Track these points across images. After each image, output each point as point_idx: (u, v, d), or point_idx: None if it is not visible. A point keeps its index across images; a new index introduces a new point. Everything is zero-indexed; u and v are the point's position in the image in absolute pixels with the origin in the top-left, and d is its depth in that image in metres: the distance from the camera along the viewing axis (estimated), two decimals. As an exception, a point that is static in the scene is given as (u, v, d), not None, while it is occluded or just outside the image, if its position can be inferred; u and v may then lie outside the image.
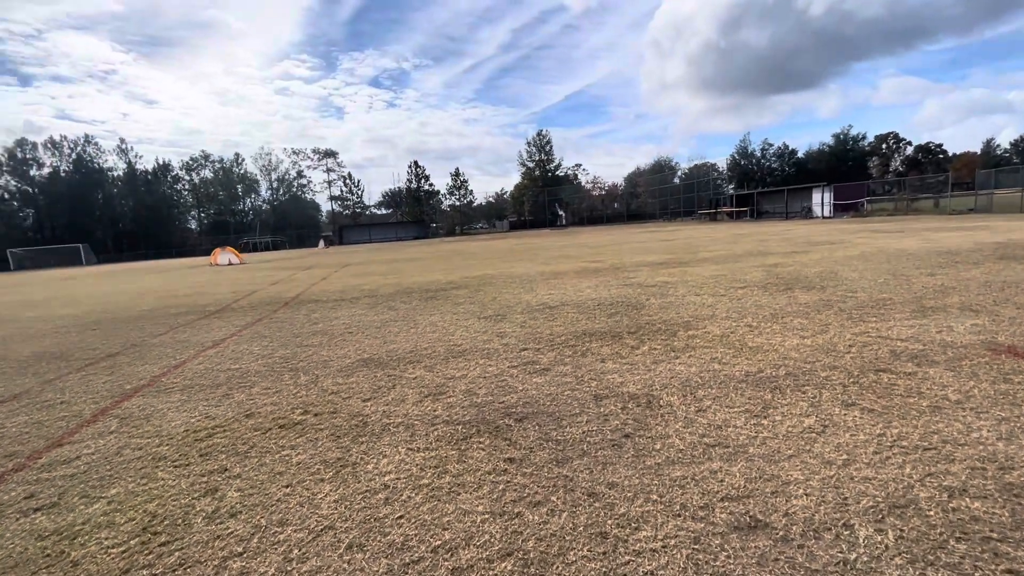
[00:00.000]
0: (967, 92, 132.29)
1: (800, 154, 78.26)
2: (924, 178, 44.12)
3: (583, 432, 2.64)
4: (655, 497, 2.00)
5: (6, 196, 59.20)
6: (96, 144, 62.76)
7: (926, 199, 32.76)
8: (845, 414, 2.64)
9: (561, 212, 73.87)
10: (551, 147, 74.39)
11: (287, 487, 2.29)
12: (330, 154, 73.20)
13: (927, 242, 11.24)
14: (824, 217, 33.66)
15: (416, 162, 74.26)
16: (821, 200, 35.14)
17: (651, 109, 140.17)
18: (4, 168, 58.40)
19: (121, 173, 63.63)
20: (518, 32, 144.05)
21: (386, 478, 2.31)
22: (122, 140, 66.40)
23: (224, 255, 23.41)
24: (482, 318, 5.87)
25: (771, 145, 78.63)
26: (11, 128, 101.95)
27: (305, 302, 8.33)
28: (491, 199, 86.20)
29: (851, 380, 3.11)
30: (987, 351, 3.49)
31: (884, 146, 78.95)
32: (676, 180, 70.37)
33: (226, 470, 2.50)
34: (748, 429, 2.54)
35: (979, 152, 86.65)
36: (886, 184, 49.47)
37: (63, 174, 60.11)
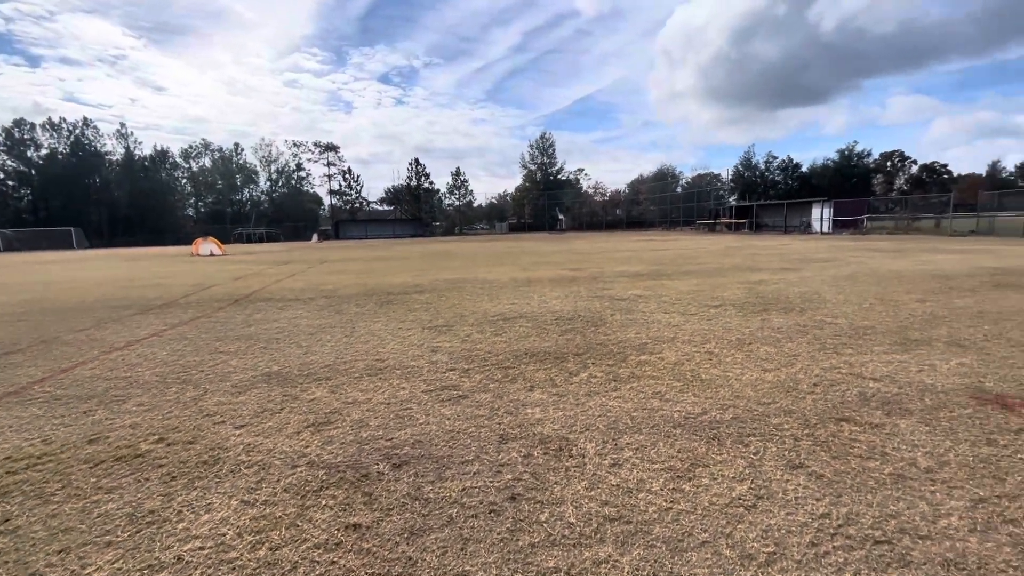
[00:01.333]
0: (975, 114, 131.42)
1: (804, 168, 77.71)
2: (927, 197, 43.57)
3: (463, 489, 2.14)
4: (506, 603, 1.50)
5: (1, 176, 58.79)
6: (95, 127, 62.14)
7: (928, 219, 32.23)
8: (787, 480, 2.13)
9: (561, 216, 73.43)
10: (554, 150, 73.99)
11: (59, 554, 1.79)
12: (331, 148, 72.63)
13: (923, 264, 10.73)
14: (823, 233, 33.16)
15: (417, 160, 73.73)
16: (821, 215, 34.64)
17: (659, 117, 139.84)
18: (0, 148, 57.99)
19: (119, 158, 63.17)
20: (530, 35, 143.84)
21: (188, 546, 1.80)
22: (122, 124, 65.81)
23: (206, 245, 22.87)
24: (427, 328, 5.37)
25: (775, 158, 78.03)
26: (16, 108, 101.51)
27: (256, 300, 7.84)
28: (494, 200, 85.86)
29: (806, 431, 2.61)
30: (971, 399, 2.99)
31: (889, 164, 78.46)
32: (678, 189, 69.90)
33: (7, 520, 2.00)
34: (663, 497, 2.04)
35: (984, 174, 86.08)
36: (888, 202, 48.94)
37: (60, 156, 59.63)
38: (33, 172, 59.30)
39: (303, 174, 73.70)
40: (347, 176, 74.65)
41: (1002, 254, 12.91)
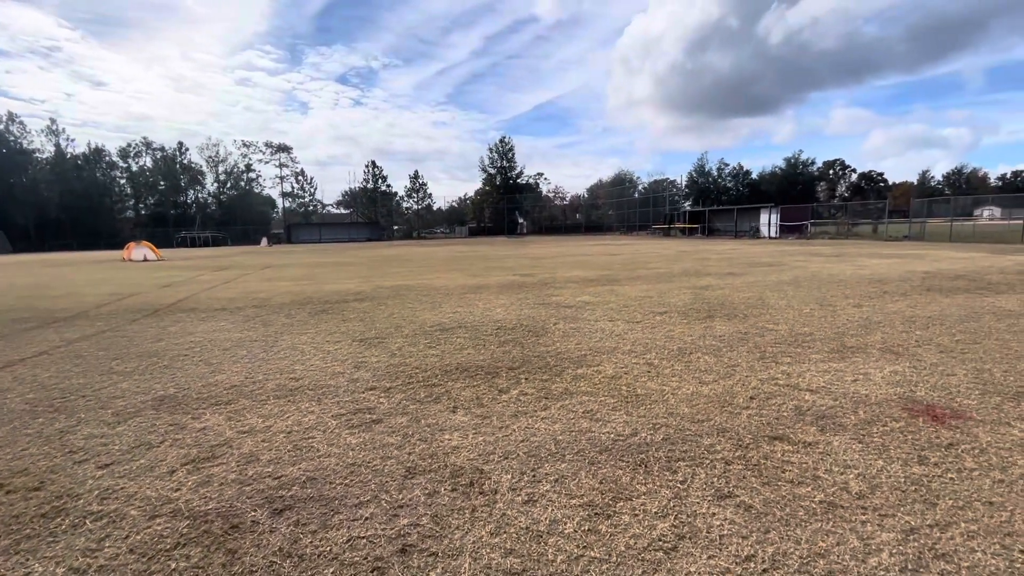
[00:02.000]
0: (908, 126, 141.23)
1: (754, 175, 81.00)
2: (865, 204, 46.14)
3: (348, 540, 1.83)
4: None
5: (-89, 174, 53.61)
6: (21, 123, 57.52)
7: (866, 224, 34.03)
8: (714, 515, 1.93)
9: (521, 220, 73.55)
10: (513, 154, 73.97)
11: None
12: (283, 148, 70.14)
13: (860, 268, 11.12)
14: (771, 237, 34.45)
15: (374, 162, 72.36)
16: (768, 220, 35.98)
17: (618, 124, 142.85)
18: (-89, 143, 52.87)
19: (49, 156, 58.76)
20: (490, 39, 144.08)
21: (-27, 640, 1.42)
22: (52, 120, 60.69)
23: (139, 250, 21.37)
24: (357, 341, 5.00)
25: (727, 165, 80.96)
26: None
27: (178, 311, 7.22)
28: (454, 204, 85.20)
29: (738, 453, 2.44)
30: (903, 411, 2.91)
31: (831, 172, 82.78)
32: (636, 194, 71.37)
33: None
34: (576, 541, 1.80)
35: (915, 182, 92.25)
36: (831, 208, 51.53)
37: (-18, 154, 54.97)
38: (-52, 170, 54.37)
39: (253, 175, 70.81)
40: (300, 178, 72.34)
41: (931, 258, 13.60)
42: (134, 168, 64.25)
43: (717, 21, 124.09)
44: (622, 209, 63.56)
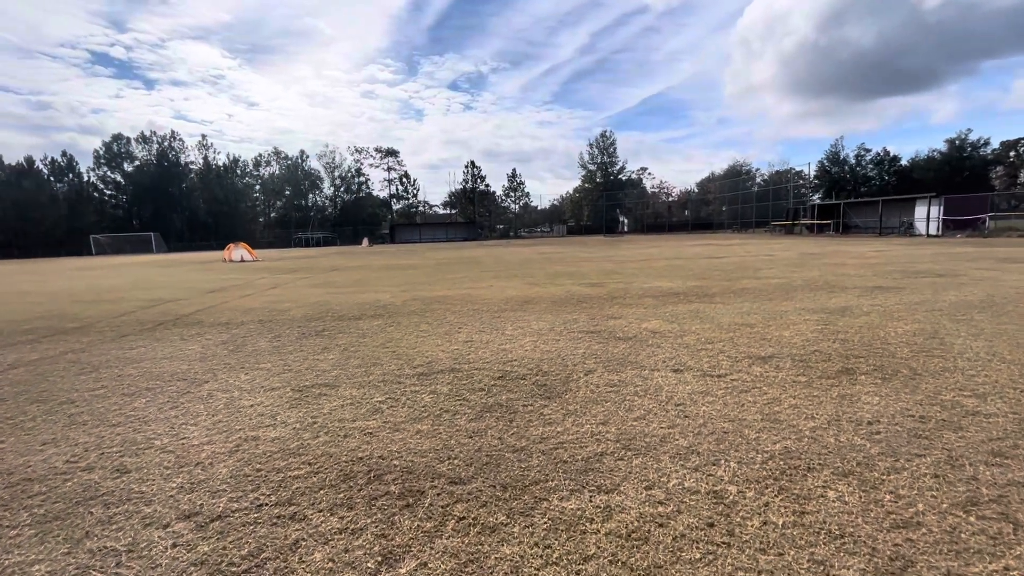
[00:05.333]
0: None
1: (904, 161, 68.95)
2: (1065, 192, 36.28)
3: None
4: None
5: (100, 186, 64.65)
6: (181, 140, 67.06)
7: (1071, 217, 26.40)
8: None
9: (622, 218, 69.93)
10: (615, 149, 70.46)
11: None
12: (391, 153, 73.84)
13: (1094, 282, 7.56)
14: (930, 235, 28.18)
15: (472, 162, 73.06)
16: (927, 215, 29.54)
17: (734, 113, 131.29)
18: (101, 160, 63.78)
19: (199, 167, 67.69)
20: (597, 35, 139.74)
21: None
22: (203, 136, 70.56)
23: (237, 251, 22.82)
24: (298, 389, 3.60)
25: (868, 151, 69.76)
26: (135, 127, 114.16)
27: (181, 325, 6.46)
28: (555, 202, 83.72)
29: None
30: None
31: (1012, 154, 67.76)
32: (753, 187, 64.20)
33: None
34: None
35: None
36: (1012, 198, 41.53)
37: (150, 167, 64.76)
38: (127, 182, 64.78)
39: (363, 179, 75.46)
40: (404, 180, 75.53)
41: None
42: (265, 176, 71.75)
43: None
44: (736, 204, 57.48)
